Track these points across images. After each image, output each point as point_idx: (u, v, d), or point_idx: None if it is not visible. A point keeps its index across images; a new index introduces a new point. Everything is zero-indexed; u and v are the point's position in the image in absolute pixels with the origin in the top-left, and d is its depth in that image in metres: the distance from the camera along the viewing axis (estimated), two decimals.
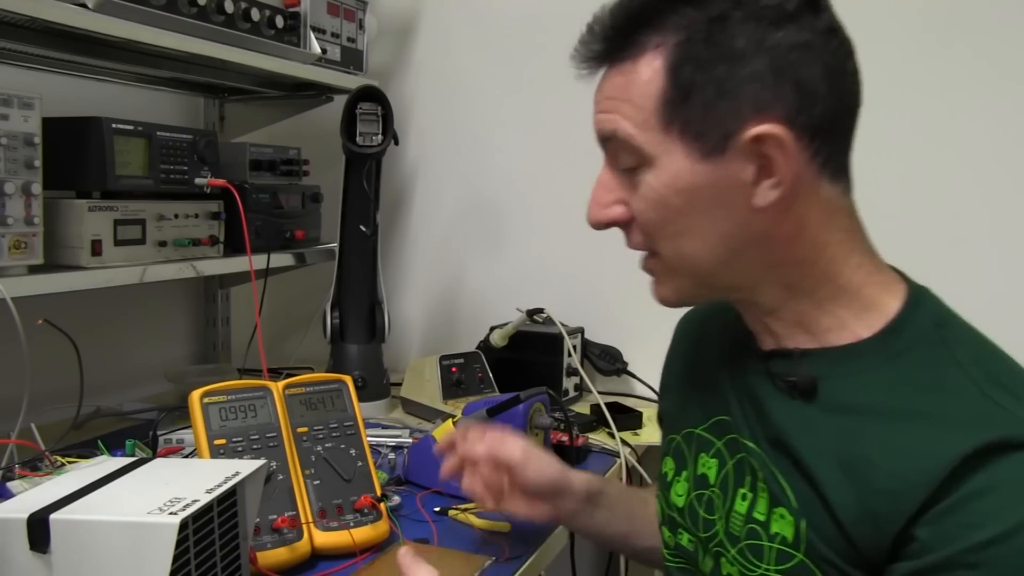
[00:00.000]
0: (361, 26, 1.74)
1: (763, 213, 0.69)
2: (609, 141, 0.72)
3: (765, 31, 0.65)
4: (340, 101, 1.61)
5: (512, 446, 0.97)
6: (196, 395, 0.98)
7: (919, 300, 0.72)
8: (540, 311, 1.66)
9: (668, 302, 0.78)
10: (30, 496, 0.72)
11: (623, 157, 0.72)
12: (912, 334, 0.70)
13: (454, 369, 1.59)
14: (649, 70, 0.68)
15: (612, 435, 1.44)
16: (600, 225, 0.75)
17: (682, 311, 0.98)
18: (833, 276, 0.72)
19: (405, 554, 0.79)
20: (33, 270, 1.15)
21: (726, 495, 0.77)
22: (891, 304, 0.72)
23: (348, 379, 1.10)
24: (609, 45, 0.71)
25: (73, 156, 1.28)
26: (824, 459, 0.68)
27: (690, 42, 0.66)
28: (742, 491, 0.76)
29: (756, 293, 0.74)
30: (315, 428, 1.04)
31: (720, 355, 0.83)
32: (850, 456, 0.67)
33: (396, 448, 1.34)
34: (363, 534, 0.99)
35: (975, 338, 0.71)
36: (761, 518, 0.73)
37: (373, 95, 1.52)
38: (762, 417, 0.75)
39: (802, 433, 0.71)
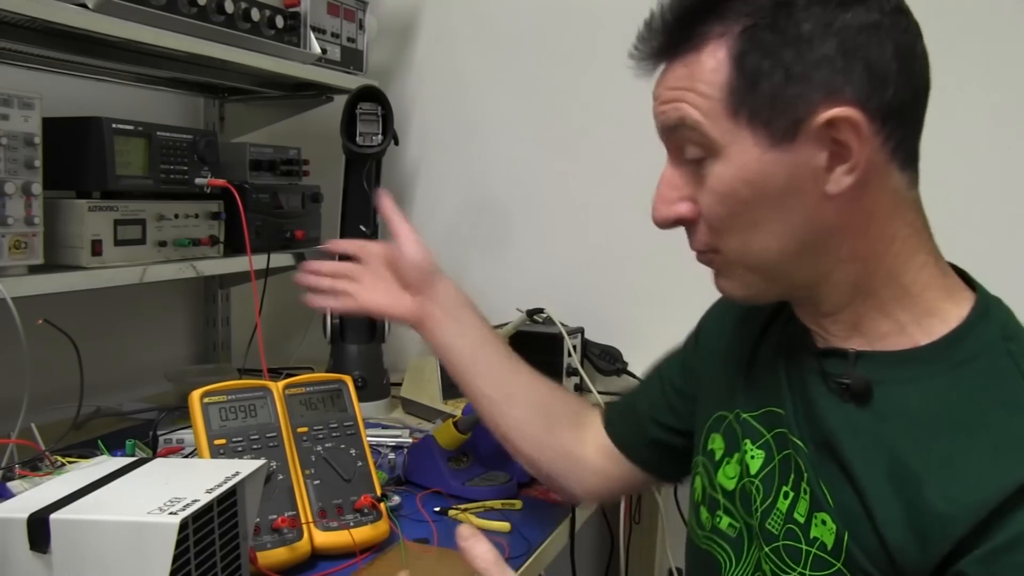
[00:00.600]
0: (361, 26, 1.74)
1: (833, 202, 0.66)
2: (674, 131, 0.70)
3: (832, 13, 0.64)
4: (340, 101, 1.61)
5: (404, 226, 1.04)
6: (196, 395, 0.98)
7: (987, 309, 0.69)
8: (540, 311, 1.66)
9: (735, 297, 0.75)
10: (30, 496, 0.72)
11: (689, 148, 0.70)
12: (976, 344, 0.67)
13: None
14: (714, 59, 0.67)
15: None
16: (667, 223, 0.72)
17: (683, 310, 0.98)
18: (898, 275, 0.69)
19: (465, 532, 0.73)
20: (33, 270, 1.15)
21: (768, 490, 0.75)
22: (954, 311, 0.69)
23: (348, 379, 1.10)
24: (670, 39, 0.69)
25: (73, 156, 1.28)
26: (873, 469, 0.66)
27: (756, 28, 0.65)
28: (785, 489, 0.74)
29: (819, 291, 0.71)
30: (315, 428, 1.04)
31: (775, 347, 0.81)
32: (900, 469, 0.64)
33: (396, 448, 1.34)
34: (363, 534, 0.99)
35: None
36: (801, 520, 0.71)
37: (373, 95, 1.52)
38: (812, 417, 0.72)
39: (852, 438, 0.68)
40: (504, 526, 1.08)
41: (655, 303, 1.75)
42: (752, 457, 0.78)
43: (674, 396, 0.95)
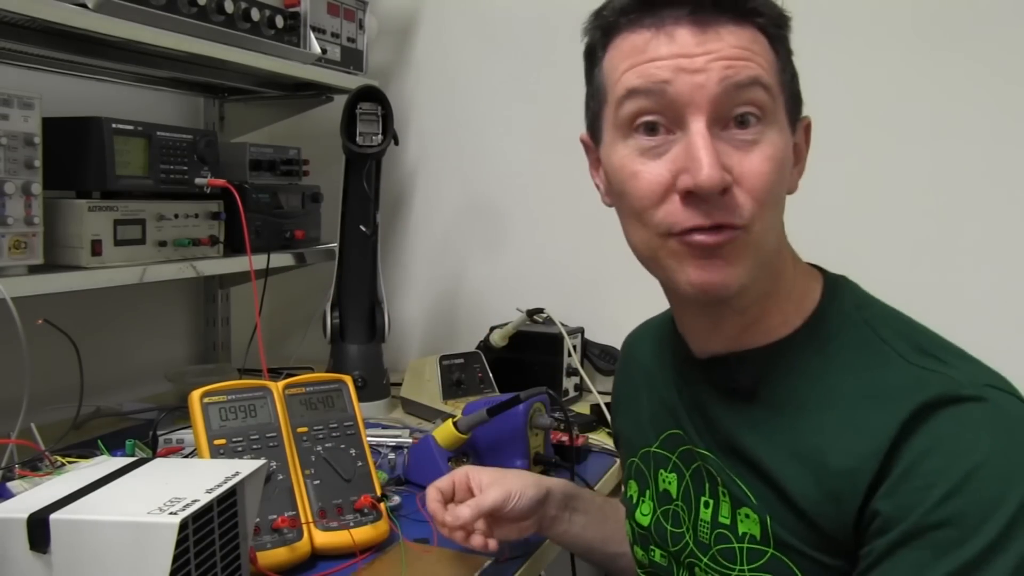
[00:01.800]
0: (361, 26, 1.74)
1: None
2: (740, 90, 0.67)
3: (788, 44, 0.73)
4: (340, 101, 1.61)
5: (489, 493, 0.94)
6: (196, 395, 0.98)
7: (836, 287, 0.76)
8: (540, 311, 1.66)
9: (729, 285, 0.69)
10: (30, 496, 0.72)
11: (747, 109, 0.67)
12: (836, 320, 0.73)
13: (454, 369, 1.59)
14: (763, 39, 0.70)
15: (612, 435, 1.44)
16: (721, 185, 0.66)
17: None
18: (783, 271, 0.74)
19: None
20: (33, 270, 1.15)
21: (689, 506, 0.79)
22: (815, 291, 0.75)
23: (348, 379, 1.10)
24: (731, 2, 0.69)
25: (73, 156, 1.28)
26: (777, 454, 0.70)
27: (777, 30, 0.71)
28: (704, 499, 0.77)
29: (746, 289, 0.72)
30: (315, 428, 1.04)
31: (662, 372, 0.85)
32: (802, 447, 0.69)
33: (396, 448, 1.34)
34: (363, 534, 0.99)
35: (893, 315, 0.74)
36: (726, 522, 0.74)
37: (373, 95, 1.52)
38: (711, 424, 0.77)
39: (751, 433, 0.73)
40: None
41: (655, 303, 1.74)
42: (668, 483, 0.82)
43: None
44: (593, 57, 0.75)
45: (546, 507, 0.98)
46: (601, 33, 0.73)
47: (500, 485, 0.95)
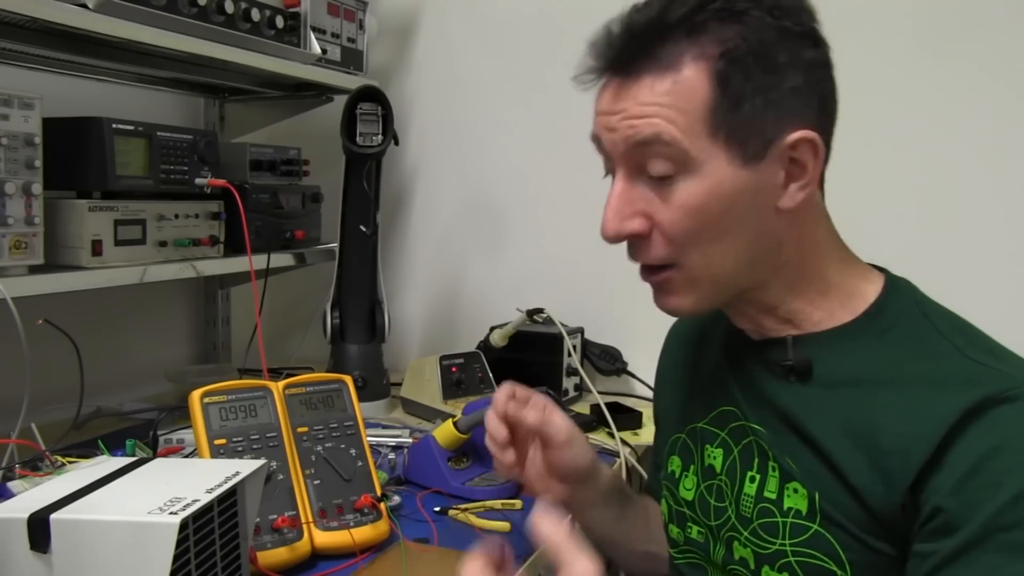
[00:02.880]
0: (361, 26, 1.74)
1: (782, 216, 0.74)
2: (642, 147, 0.71)
3: (800, 49, 0.71)
4: (340, 101, 1.61)
5: (559, 424, 0.93)
6: (196, 395, 0.98)
7: (896, 284, 0.79)
8: (540, 311, 1.66)
9: (682, 312, 0.79)
10: (30, 496, 0.72)
11: (656, 164, 0.72)
12: (895, 312, 0.76)
13: (454, 369, 1.59)
14: (695, 78, 0.69)
15: (612, 435, 1.44)
16: (619, 238, 0.75)
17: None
18: (823, 272, 0.78)
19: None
20: (33, 270, 1.15)
21: (734, 480, 0.81)
22: (871, 291, 0.78)
23: (348, 379, 1.10)
24: (637, 54, 0.71)
25: (73, 156, 1.28)
26: (831, 431, 0.73)
27: (736, 53, 0.69)
28: (750, 474, 0.79)
29: (758, 295, 0.78)
30: (315, 428, 1.04)
31: (718, 353, 0.88)
32: (856, 425, 0.71)
33: (396, 448, 1.34)
34: (363, 534, 0.99)
35: (950, 314, 0.77)
36: (772, 496, 0.76)
37: (373, 95, 1.52)
38: (765, 401, 0.79)
39: (805, 411, 0.75)
40: (504, 526, 1.08)
41: (655, 303, 1.75)
42: (714, 458, 0.85)
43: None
44: None
45: (586, 487, 0.96)
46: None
47: (569, 427, 0.94)
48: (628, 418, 1.52)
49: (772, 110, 0.71)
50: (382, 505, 1.02)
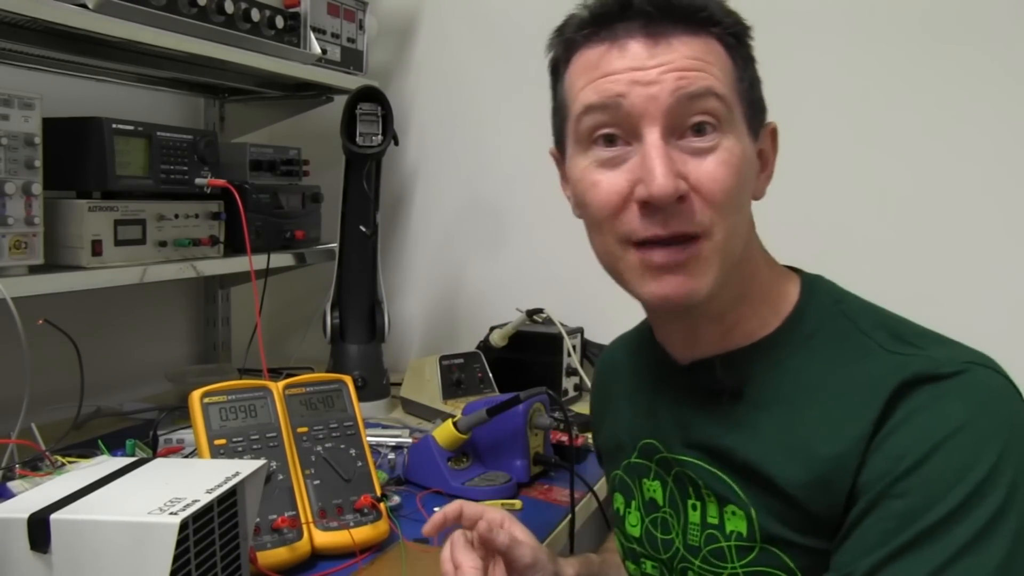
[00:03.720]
0: (361, 26, 1.74)
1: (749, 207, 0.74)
2: (693, 100, 0.67)
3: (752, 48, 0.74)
4: (340, 101, 1.61)
5: (524, 549, 0.85)
6: (196, 395, 0.98)
7: (813, 285, 0.77)
8: (540, 311, 1.66)
9: (698, 295, 0.70)
10: (30, 496, 0.72)
11: (704, 118, 0.68)
12: (816, 316, 0.74)
13: (454, 369, 1.59)
14: (719, 48, 0.70)
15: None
16: (674, 196, 0.66)
17: None
18: (758, 275, 0.76)
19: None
20: (33, 270, 1.15)
21: (677, 512, 0.79)
22: (792, 292, 0.76)
23: (348, 379, 1.10)
24: (668, 12, 0.69)
25: (73, 156, 1.28)
26: (764, 448, 0.71)
27: (736, 38, 0.71)
28: (691, 502, 0.77)
29: (719, 295, 0.72)
30: (315, 428, 1.04)
31: (637, 381, 0.86)
32: (789, 439, 0.70)
33: (396, 448, 1.34)
34: (363, 534, 0.99)
35: (871, 307, 0.75)
36: (715, 521, 0.75)
37: (373, 95, 1.52)
38: (691, 427, 0.77)
39: (736, 432, 0.73)
40: None
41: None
42: (653, 491, 0.82)
43: None
44: (556, 72, 0.77)
45: None
46: (563, 49, 0.75)
47: (533, 548, 0.87)
48: None
49: (759, 95, 0.74)
50: (382, 505, 1.02)
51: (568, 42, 0.74)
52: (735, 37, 0.71)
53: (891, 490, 0.63)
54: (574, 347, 1.67)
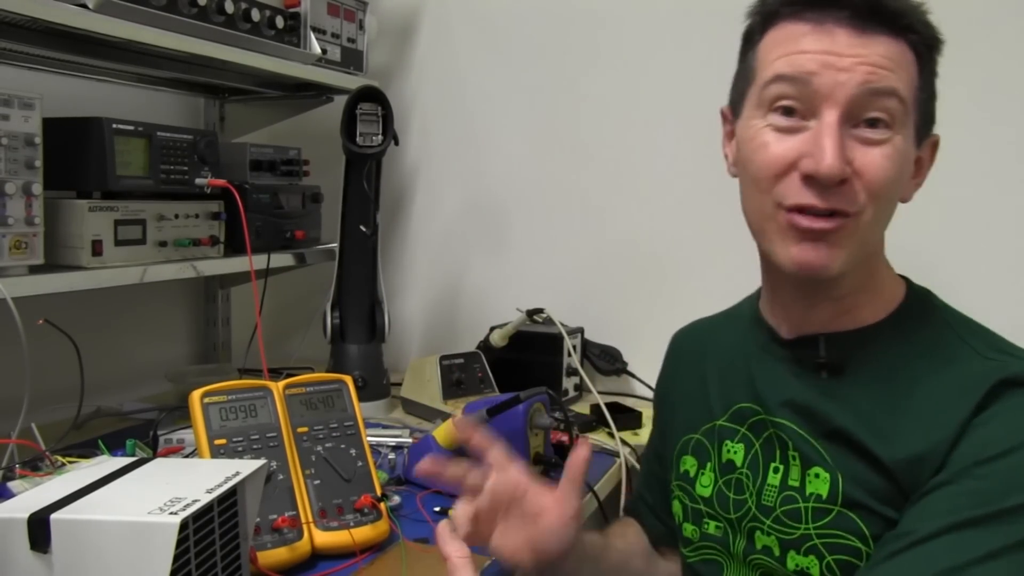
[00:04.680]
0: (361, 26, 1.74)
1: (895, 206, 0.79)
2: (876, 96, 0.73)
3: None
4: (340, 101, 1.61)
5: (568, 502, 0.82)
6: (196, 395, 0.98)
7: (917, 290, 0.84)
8: (540, 311, 1.66)
9: (829, 270, 0.76)
10: (30, 496, 0.72)
11: (881, 114, 0.74)
12: (920, 317, 0.81)
13: (454, 369, 1.59)
14: (911, 56, 0.76)
15: (612, 435, 1.44)
16: (842, 175, 0.73)
17: (683, 310, 1.02)
18: (880, 270, 0.83)
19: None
20: (33, 270, 1.15)
21: (756, 472, 0.84)
22: (900, 293, 0.83)
23: (348, 379, 1.10)
24: (881, 11, 0.74)
25: (73, 156, 1.28)
26: (860, 419, 0.76)
27: (928, 51, 0.77)
28: (773, 464, 0.82)
29: (844, 279, 0.79)
30: (315, 428, 1.04)
31: (734, 354, 0.91)
32: (885, 419, 0.75)
33: (396, 448, 1.34)
34: (363, 534, 0.99)
35: (968, 319, 0.82)
36: (796, 484, 0.79)
37: (373, 95, 1.52)
38: (791, 395, 0.82)
39: (833, 403, 0.78)
40: None
41: (655, 303, 1.75)
42: (734, 453, 0.87)
43: (664, 475, 1.01)
44: (750, 40, 0.82)
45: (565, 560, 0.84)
46: (761, 19, 0.80)
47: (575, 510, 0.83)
48: (628, 418, 1.52)
49: (934, 109, 0.80)
50: (382, 505, 1.02)
51: (770, 13, 0.78)
52: (928, 49, 0.77)
53: (972, 471, 0.68)
54: (574, 347, 1.67)
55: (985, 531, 0.65)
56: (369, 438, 1.11)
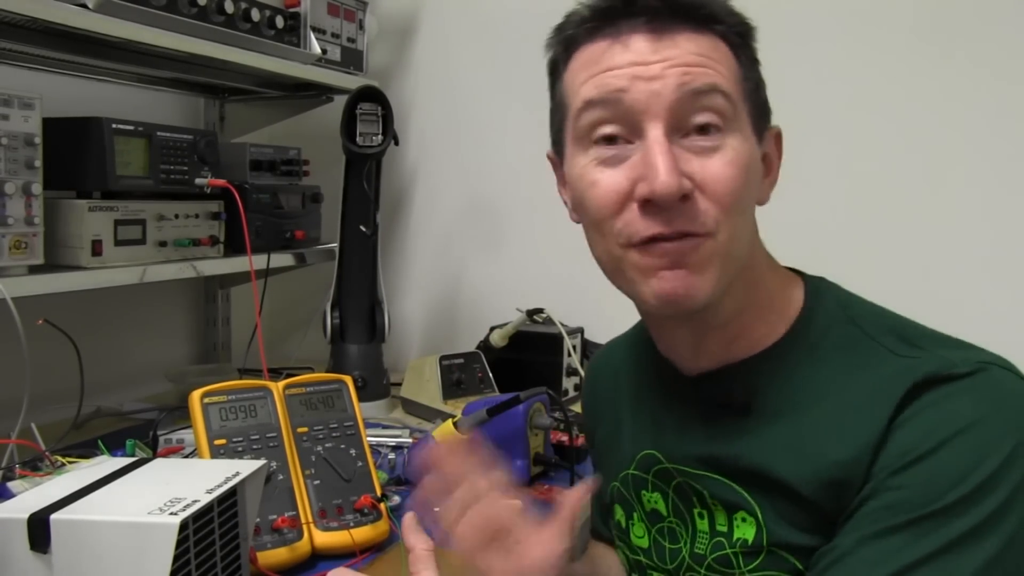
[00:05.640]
0: (361, 26, 1.74)
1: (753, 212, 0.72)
2: (698, 96, 0.66)
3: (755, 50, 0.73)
4: (340, 101, 1.61)
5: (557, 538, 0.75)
6: (196, 395, 0.98)
7: (817, 288, 0.75)
8: (540, 311, 1.66)
9: (699, 297, 0.67)
10: (30, 496, 0.72)
11: (708, 116, 0.66)
12: (823, 321, 0.72)
13: (454, 369, 1.59)
14: (724, 47, 0.69)
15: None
16: (679, 194, 0.64)
17: None
18: (763, 280, 0.74)
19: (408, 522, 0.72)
20: (33, 270, 1.15)
21: (684, 521, 0.77)
22: (797, 296, 0.74)
23: (348, 379, 1.10)
24: (677, 7, 0.68)
25: (73, 156, 1.28)
26: (771, 452, 0.70)
27: (739, 39, 0.70)
28: (696, 511, 0.76)
29: (723, 302, 0.71)
30: (315, 428, 1.04)
31: (639, 392, 0.84)
32: (800, 446, 0.69)
33: (396, 448, 1.34)
34: (363, 534, 0.99)
35: (878, 311, 0.73)
36: (723, 529, 0.73)
37: (373, 95, 1.52)
38: (697, 439, 0.75)
39: (746, 441, 0.72)
40: None
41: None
42: (655, 502, 0.80)
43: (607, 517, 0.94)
44: (556, 72, 0.75)
45: None
46: (563, 47, 0.73)
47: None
48: None
49: (764, 97, 0.72)
50: (382, 505, 1.02)
51: (569, 39, 0.72)
52: (740, 36, 0.70)
53: (890, 481, 0.62)
54: (574, 347, 1.67)
55: (907, 538, 0.60)
56: (369, 438, 1.11)
